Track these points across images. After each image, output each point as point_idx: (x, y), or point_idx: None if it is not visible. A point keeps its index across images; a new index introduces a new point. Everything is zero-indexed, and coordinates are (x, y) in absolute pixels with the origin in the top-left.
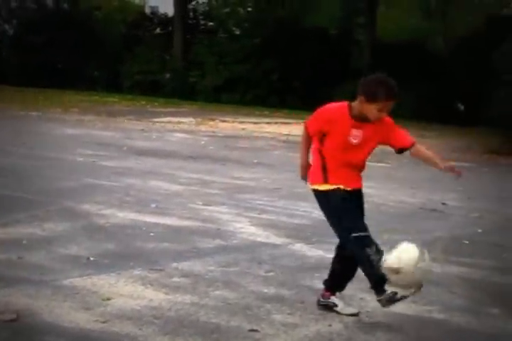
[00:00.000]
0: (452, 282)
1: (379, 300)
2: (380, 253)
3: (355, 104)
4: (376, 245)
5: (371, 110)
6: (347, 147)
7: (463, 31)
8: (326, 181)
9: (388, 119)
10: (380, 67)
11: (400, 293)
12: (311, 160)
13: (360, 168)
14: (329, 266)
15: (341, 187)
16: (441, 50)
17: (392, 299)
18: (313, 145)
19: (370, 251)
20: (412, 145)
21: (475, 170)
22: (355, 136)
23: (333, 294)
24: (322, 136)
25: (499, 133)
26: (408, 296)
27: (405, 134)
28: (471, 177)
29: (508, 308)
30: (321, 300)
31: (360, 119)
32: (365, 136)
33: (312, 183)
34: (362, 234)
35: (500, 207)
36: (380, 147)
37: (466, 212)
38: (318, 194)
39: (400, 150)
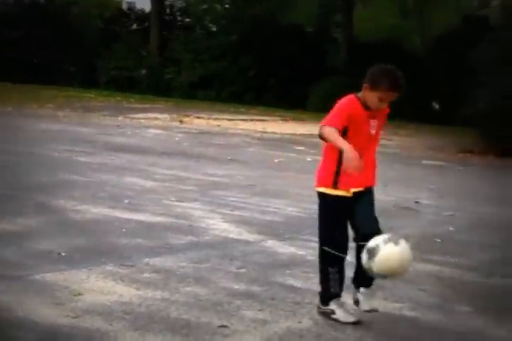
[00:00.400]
0: (423, 280)
1: (318, 307)
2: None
3: (361, 94)
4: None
5: (372, 98)
6: (370, 139)
7: (440, 31)
8: (335, 186)
9: (387, 111)
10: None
11: (338, 315)
12: (322, 161)
13: (374, 161)
14: (301, 263)
15: (351, 191)
16: (418, 50)
17: (327, 315)
18: (329, 147)
19: (331, 270)
20: None
21: (449, 168)
22: (373, 126)
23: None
24: (342, 134)
25: (474, 132)
26: (343, 321)
27: None
28: (445, 175)
29: (478, 306)
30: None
31: (371, 108)
32: (378, 126)
33: (319, 186)
34: (332, 251)
35: (473, 206)
36: None
37: (439, 211)
38: (322, 196)
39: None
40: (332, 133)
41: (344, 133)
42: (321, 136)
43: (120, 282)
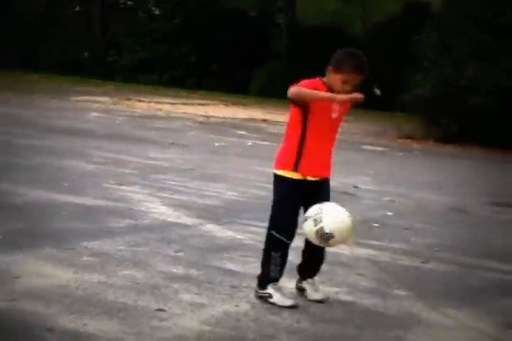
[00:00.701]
0: (360, 264)
1: (255, 291)
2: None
3: (326, 78)
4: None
5: (336, 81)
6: (331, 125)
7: (382, 17)
8: (295, 169)
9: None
10: (299, 50)
11: (275, 299)
12: (283, 142)
13: (332, 148)
14: (239, 247)
15: (308, 178)
16: (360, 35)
17: (264, 299)
18: (293, 125)
19: (274, 255)
20: None
21: (388, 154)
22: (335, 110)
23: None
24: (305, 112)
25: (415, 118)
26: (280, 305)
27: None
28: (385, 161)
29: (414, 291)
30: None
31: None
32: (341, 111)
33: (278, 168)
34: (279, 236)
35: (411, 191)
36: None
37: (378, 196)
38: (279, 178)
39: None
40: (300, 89)
41: (304, 116)
42: (293, 99)
43: (58, 265)
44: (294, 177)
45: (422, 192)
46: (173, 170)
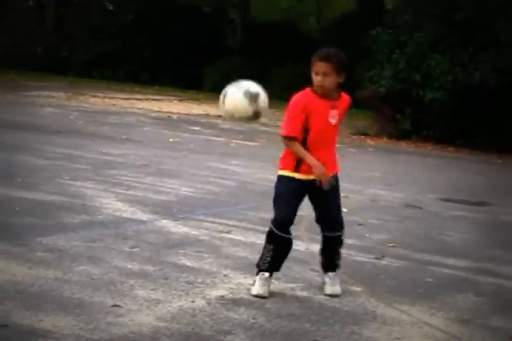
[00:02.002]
0: (315, 260)
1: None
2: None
3: None
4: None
5: (312, 76)
6: (329, 128)
7: (336, 13)
8: (297, 170)
9: (349, 100)
10: (253, 46)
11: (253, 286)
12: (285, 148)
13: (334, 148)
14: (194, 243)
15: (311, 177)
16: (314, 32)
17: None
18: None
19: (267, 246)
20: None
21: (342, 150)
22: (332, 116)
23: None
24: (305, 127)
25: (368, 114)
26: (251, 293)
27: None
28: (338, 157)
29: (368, 287)
30: None
31: (331, 98)
32: (339, 116)
33: (280, 168)
34: (273, 229)
35: (365, 187)
36: (249, 126)
37: None
38: (279, 177)
39: None
40: (298, 149)
41: (306, 125)
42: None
43: (13, 261)
44: (296, 177)
45: (376, 188)
46: (128, 166)
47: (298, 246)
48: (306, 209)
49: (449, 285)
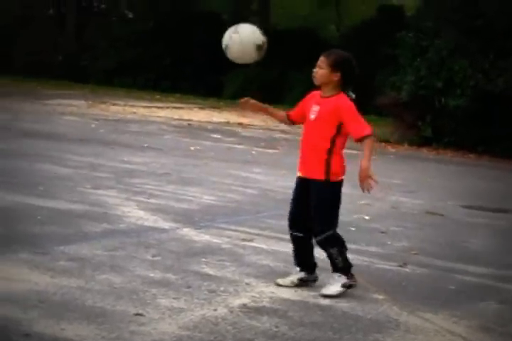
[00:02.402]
0: None
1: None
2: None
3: None
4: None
5: None
6: (309, 124)
7: (356, 20)
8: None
9: (344, 104)
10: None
11: None
12: None
13: (319, 150)
14: (216, 251)
15: (298, 174)
16: (334, 38)
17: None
18: None
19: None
20: (359, 139)
21: (363, 157)
22: (314, 111)
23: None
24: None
25: (390, 121)
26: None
27: (359, 126)
28: (359, 164)
29: (391, 294)
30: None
31: (323, 95)
32: (320, 113)
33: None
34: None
35: (386, 195)
36: (269, 133)
37: (354, 199)
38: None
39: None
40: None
41: None
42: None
43: (35, 270)
44: (297, 174)
45: (397, 195)
46: (149, 174)
47: (319, 254)
48: None
49: (471, 292)
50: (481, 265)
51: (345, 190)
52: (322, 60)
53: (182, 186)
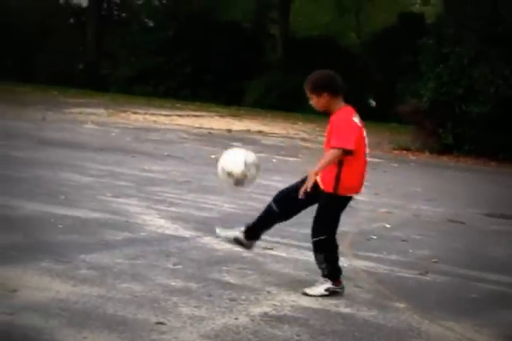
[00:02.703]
0: (359, 276)
1: None
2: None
3: None
4: None
5: None
6: (325, 143)
7: (376, 28)
8: None
9: (333, 118)
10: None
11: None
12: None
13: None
14: (237, 259)
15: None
16: (354, 46)
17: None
18: None
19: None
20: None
21: (384, 165)
22: (327, 130)
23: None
24: None
25: (410, 129)
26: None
27: (336, 136)
28: (380, 172)
29: (412, 303)
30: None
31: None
32: (328, 131)
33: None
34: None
35: (407, 203)
36: (290, 141)
37: (374, 207)
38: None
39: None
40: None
41: None
42: None
43: (56, 278)
44: None
45: (419, 203)
46: (169, 183)
47: (341, 262)
48: (350, 225)
49: (493, 301)
50: (503, 273)
51: (366, 198)
52: (306, 91)
53: (202, 194)
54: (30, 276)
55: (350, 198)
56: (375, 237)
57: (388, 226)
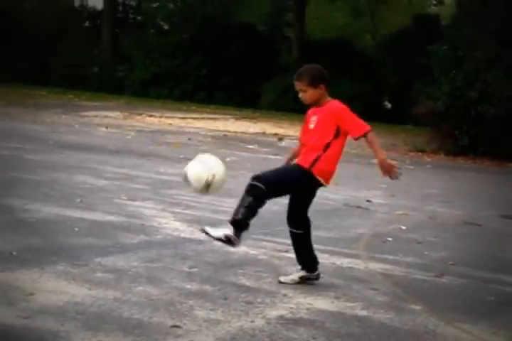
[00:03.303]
0: (375, 279)
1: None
2: None
3: None
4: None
5: None
6: (307, 134)
7: (391, 30)
8: None
9: (339, 107)
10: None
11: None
12: None
13: (316, 147)
14: (253, 262)
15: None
16: (369, 48)
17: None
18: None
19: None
20: (362, 135)
21: (400, 167)
22: (313, 121)
23: None
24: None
25: (426, 131)
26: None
27: (357, 124)
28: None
29: (428, 305)
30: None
31: (317, 106)
32: (318, 121)
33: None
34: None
35: (423, 205)
36: None
37: (390, 209)
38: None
39: (354, 138)
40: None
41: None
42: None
43: (72, 282)
44: None
45: (434, 205)
46: (185, 185)
47: (357, 264)
48: (366, 227)
49: (510, 303)
50: None
51: (382, 200)
52: (299, 85)
53: (218, 197)
54: (46, 279)
55: (316, 186)
56: (391, 239)
57: (404, 228)
